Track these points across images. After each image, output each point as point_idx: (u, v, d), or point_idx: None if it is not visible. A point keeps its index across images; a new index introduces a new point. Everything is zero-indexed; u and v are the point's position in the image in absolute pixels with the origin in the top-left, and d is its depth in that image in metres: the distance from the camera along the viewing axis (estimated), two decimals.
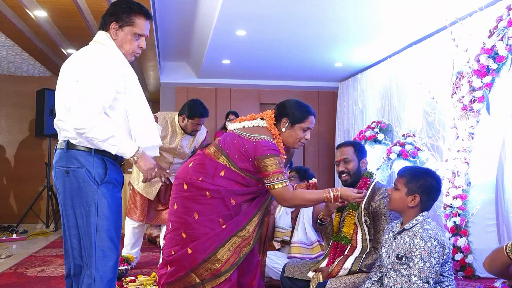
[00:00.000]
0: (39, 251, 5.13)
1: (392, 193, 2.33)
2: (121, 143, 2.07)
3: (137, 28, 2.22)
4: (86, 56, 2.14)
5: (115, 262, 2.15)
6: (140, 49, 2.27)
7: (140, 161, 2.14)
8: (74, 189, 2.10)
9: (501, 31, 3.66)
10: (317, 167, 8.40)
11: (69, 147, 2.11)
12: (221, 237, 2.39)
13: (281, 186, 2.35)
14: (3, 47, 5.89)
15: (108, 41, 2.20)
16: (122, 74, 2.13)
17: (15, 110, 7.33)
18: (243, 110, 7.79)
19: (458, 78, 4.11)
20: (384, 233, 2.43)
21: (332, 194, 2.38)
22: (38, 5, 4.30)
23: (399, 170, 2.41)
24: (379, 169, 5.15)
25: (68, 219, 2.15)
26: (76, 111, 2.02)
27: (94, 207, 2.09)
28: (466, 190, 3.94)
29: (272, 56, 6.32)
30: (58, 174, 2.15)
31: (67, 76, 2.14)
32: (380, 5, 4.35)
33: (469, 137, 3.95)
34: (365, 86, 6.83)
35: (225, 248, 2.39)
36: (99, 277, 2.08)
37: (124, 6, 2.23)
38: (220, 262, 2.37)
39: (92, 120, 2.00)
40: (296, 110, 2.54)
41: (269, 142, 2.41)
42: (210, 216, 2.39)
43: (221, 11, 4.52)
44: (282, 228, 3.87)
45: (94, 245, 2.09)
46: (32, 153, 7.31)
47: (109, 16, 2.22)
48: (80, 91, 2.04)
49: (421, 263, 2.09)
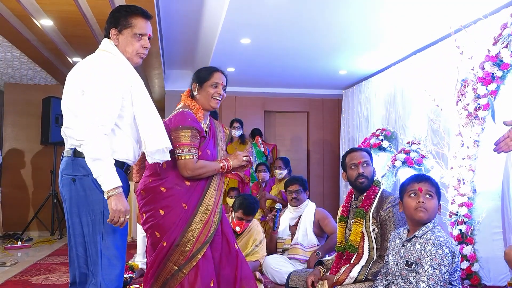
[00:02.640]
0: (44, 259, 5.14)
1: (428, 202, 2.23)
2: (105, 172, 1.99)
3: (135, 28, 2.23)
4: (91, 65, 2.14)
5: (120, 270, 2.14)
6: (145, 49, 2.26)
7: (114, 199, 2.00)
8: (80, 197, 2.09)
9: (506, 39, 3.66)
10: (322, 174, 8.39)
11: (76, 155, 2.10)
12: (185, 218, 2.45)
13: (184, 158, 2.44)
14: (9, 56, 5.94)
15: (112, 48, 2.21)
16: (127, 81, 2.14)
17: (21, 118, 7.37)
18: (248, 117, 7.81)
19: (463, 85, 4.10)
20: (390, 240, 2.41)
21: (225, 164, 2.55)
22: (44, 14, 4.34)
23: (423, 176, 2.32)
24: (384, 177, 5.13)
25: (74, 227, 2.13)
26: (78, 122, 2.02)
27: (101, 215, 2.08)
28: (471, 198, 3.92)
29: (276, 64, 6.33)
30: (64, 182, 2.14)
31: (73, 85, 2.14)
32: (384, 13, 4.36)
33: (474, 145, 3.94)
34: (370, 94, 6.82)
35: (192, 226, 2.44)
36: (105, 285, 2.07)
37: (121, 10, 2.25)
38: (191, 242, 2.42)
39: (89, 134, 1.99)
40: (201, 71, 2.68)
41: (183, 112, 2.54)
42: (174, 207, 2.46)
43: (226, 19, 4.54)
44: (281, 239, 4.02)
45: (100, 253, 2.08)
46: (38, 161, 7.34)
47: (108, 24, 2.24)
48: (85, 102, 2.04)
49: (431, 269, 2.08)
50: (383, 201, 2.67)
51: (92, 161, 1.99)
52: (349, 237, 2.72)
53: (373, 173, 2.78)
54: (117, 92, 2.09)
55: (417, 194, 2.25)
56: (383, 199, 2.68)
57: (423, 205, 2.22)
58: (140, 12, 2.26)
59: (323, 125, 8.54)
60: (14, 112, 7.39)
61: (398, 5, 4.16)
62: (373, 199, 2.70)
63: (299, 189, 3.98)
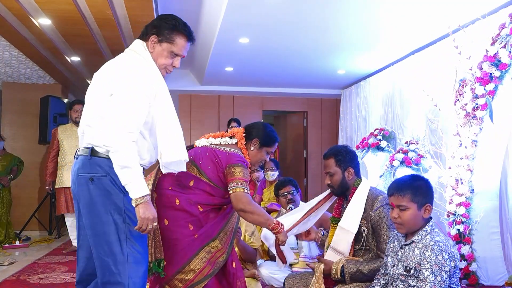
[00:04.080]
0: (41, 258, 5.13)
1: (402, 215, 2.19)
2: (134, 180, 2.00)
3: (175, 47, 2.22)
4: (122, 67, 2.12)
5: (145, 268, 2.13)
6: (173, 67, 2.27)
7: (142, 207, 2.00)
8: (100, 196, 2.06)
9: (504, 39, 3.67)
10: (320, 173, 8.39)
11: (93, 154, 2.08)
12: (193, 247, 2.44)
13: (242, 190, 2.45)
14: (7, 55, 5.93)
15: (143, 51, 2.19)
16: (155, 88, 2.12)
17: (19, 117, 7.36)
18: (246, 117, 7.81)
19: (461, 85, 4.10)
20: (388, 242, 2.40)
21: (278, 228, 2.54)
22: (43, 13, 4.33)
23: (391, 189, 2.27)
24: (382, 177, 5.13)
25: (93, 227, 2.08)
26: (108, 128, 2.01)
27: (124, 213, 2.06)
28: (469, 198, 3.93)
29: (275, 63, 6.33)
30: (81, 181, 2.09)
31: (101, 86, 2.12)
32: (383, 13, 4.36)
33: (472, 145, 3.94)
34: (368, 94, 6.83)
35: (198, 258, 2.43)
36: (133, 283, 2.05)
37: (169, 23, 2.22)
38: (194, 272, 2.41)
39: (119, 142, 1.98)
40: (268, 135, 2.76)
41: (241, 156, 2.61)
42: (179, 222, 2.45)
43: (224, 19, 4.54)
44: (291, 249, 3.90)
45: (126, 252, 2.05)
46: (36, 160, 7.32)
47: (152, 27, 2.22)
48: (114, 106, 2.02)
49: (432, 277, 2.05)
50: (373, 201, 2.60)
51: (121, 168, 1.99)
52: None
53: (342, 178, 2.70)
54: (146, 99, 2.08)
55: (392, 207, 2.26)
56: (373, 199, 2.62)
57: (395, 220, 2.23)
58: (187, 33, 2.25)
59: (321, 125, 8.55)
60: (12, 111, 7.37)
61: (397, 5, 4.16)
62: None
63: (292, 190, 3.93)
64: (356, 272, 2.51)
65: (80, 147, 2.17)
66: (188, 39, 2.25)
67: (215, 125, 8.10)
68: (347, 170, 2.71)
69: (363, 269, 2.50)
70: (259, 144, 2.72)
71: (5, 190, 6.28)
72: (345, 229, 2.60)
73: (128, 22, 4.65)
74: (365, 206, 2.61)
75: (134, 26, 4.78)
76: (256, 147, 2.72)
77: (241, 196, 2.44)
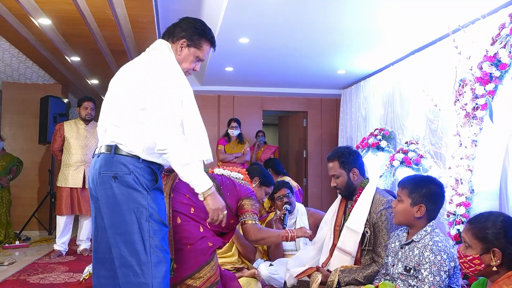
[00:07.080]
0: (41, 258, 5.13)
1: (396, 206, 2.27)
2: (197, 175, 2.03)
3: (201, 53, 2.28)
4: (150, 67, 2.11)
5: (168, 266, 2.12)
6: (194, 71, 2.32)
7: (210, 199, 2.06)
8: (123, 194, 2.04)
9: (504, 39, 3.66)
10: (320, 173, 8.40)
11: (116, 152, 2.07)
12: (207, 256, 2.50)
13: (251, 222, 2.72)
14: (7, 55, 5.93)
15: (168, 52, 2.20)
16: (183, 90, 2.13)
17: (19, 117, 7.36)
18: (246, 117, 7.82)
19: (461, 85, 4.10)
20: (389, 241, 2.40)
21: (289, 235, 2.85)
22: (43, 13, 4.33)
23: (400, 181, 2.36)
24: (382, 176, 5.13)
25: (115, 226, 2.05)
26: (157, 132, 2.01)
27: (147, 212, 2.05)
28: (469, 198, 3.93)
29: (275, 63, 6.33)
30: (103, 179, 2.07)
31: (129, 85, 2.11)
32: (383, 13, 4.36)
33: (472, 145, 3.94)
34: (368, 93, 6.83)
35: (209, 266, 2.50)
36: (157, 283, 2.04)
37: (198, 28, 2.28)
38: (201, 279, 2.46)
39: (173, 141, 1.99)
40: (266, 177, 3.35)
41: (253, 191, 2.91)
42: (191, 222, 2.54)
43: (224, 18, 4.54)
44: (288, 251, 3.94)
45: (149, 251, 2.04)
46: (35, 160, 7.32)
47: (181, 30, 2.25)
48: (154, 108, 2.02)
49: (431, 277, 2.06)
50: (376, 204, 2.61)
51: (182, 167, 2.00)
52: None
53: (347, 179, 2.72)
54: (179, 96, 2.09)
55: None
56: (377, 201, 2.62)
57: (393, 210, 2.34)
58: (212, 40, 2.33)
59: (321, 125, 8.55)
60: (12, 111, 7.37)
61: (397, 5, 4.16)
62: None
63: (287, 193, 3.95)
64: (352, 281, 2.52)
65: (101, 144, 2.15)
66: (212, 45, 2.32)
67: (215, 125, 8.11)
68: (351, 171, 2.72)
69: (358, 277, 2.52)
70: (259, 183, 3.27)
71: (5, 190, 6.29)
72: (352, 229, 2.60)
73: (128, 22, 4.65)
74: (370, 208, 2.62)
75: (134, 26, 4.78)
76: (257, 185, 3.26)
77: (249, 228, 2.70)
